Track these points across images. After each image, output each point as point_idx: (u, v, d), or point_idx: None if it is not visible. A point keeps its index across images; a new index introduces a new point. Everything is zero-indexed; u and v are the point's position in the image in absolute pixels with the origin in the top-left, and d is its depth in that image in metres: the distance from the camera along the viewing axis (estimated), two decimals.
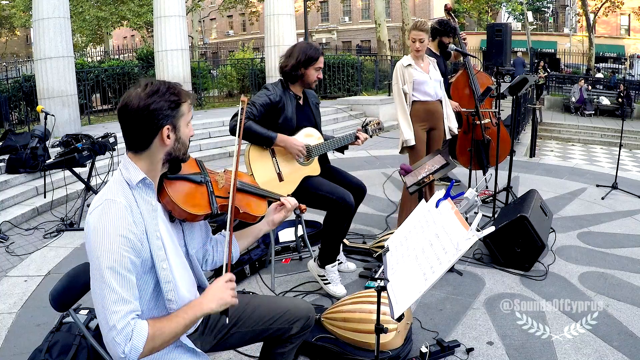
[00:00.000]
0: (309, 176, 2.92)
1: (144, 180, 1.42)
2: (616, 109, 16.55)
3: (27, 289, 3.30)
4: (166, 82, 1.46)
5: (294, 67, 2.86)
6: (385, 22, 17.45)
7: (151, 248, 1.39)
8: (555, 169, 6.32)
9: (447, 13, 4.95)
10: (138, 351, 1.29)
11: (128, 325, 1.28)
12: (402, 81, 3.80)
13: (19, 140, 5.86)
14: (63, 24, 7.52)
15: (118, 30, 28.55)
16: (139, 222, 1.38)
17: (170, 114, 1.42)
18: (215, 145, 7.94)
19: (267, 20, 10.33)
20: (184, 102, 1.45)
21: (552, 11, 36.13)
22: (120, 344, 1.27)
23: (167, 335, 1.36)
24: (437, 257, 1.52)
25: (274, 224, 1.83)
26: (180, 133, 1.46)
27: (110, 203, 1.35)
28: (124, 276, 1.31)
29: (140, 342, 1.29)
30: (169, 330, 1.36)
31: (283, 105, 2.87)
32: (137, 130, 1.41)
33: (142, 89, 1.41)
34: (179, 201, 1.50)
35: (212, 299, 1.45)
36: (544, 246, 3.22)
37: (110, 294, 1.29)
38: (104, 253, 1.30)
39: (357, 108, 10.78)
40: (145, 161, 1.44)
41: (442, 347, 2.38)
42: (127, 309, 1.29)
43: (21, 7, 22.19)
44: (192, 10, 22.32)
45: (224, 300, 1.46)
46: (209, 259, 1.75)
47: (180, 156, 1.49)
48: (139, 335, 1.29)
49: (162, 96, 1.40)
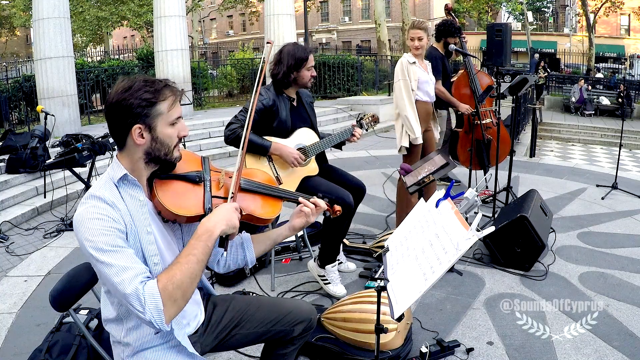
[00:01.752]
0: (307, 176, 2.92)
1: (126, 176, 1.39)
2: (616, 109, 16.55)
3: (27, 289, 3.30)
4: (148, 78, 1.39)
5: (285, 74, 2.83)
6: (385, 22, 17.44)
7: (141, 243, 1.37)
8: (555, 169, 6.32)
9: (448, 13, 4.95)
10: (160, 311, 1.23)
11: (137, 291, 1.22)
12: (408, 78, 3.67)
13: (19, 140, 5.86)
14: (63, 24, 7.53)
15: (118, 30, 28.57)
16: (125, 215, 1.35)
17: (140, 112, 1.34)
18: (215, 145, 7.94)
19: (267, 20, 10.32)
20: (162, 100, 1.37)
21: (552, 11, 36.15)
22: (140, 310, 1.22)
23: (183, 280, 1.27)
24: (437, 257, 1.52)
25: (294, 229, 1.68)
26: (157, 133, 1.38)
27: (92, 197, 1.34)
28: (115, 251, 1.27)
29: (154, 302, 1.22)
30: (181, 275, 1.27)
31: (277, 108, 2.85)
32: (112, 126, 1.39)
33: (119, 85, 1.37)
34: (167, 202, 1.42)
35: (220, 221, 1.36)
36: (544, 246, 3.22)
37: (109, 270, 1.25)
38: (90, 237, 1.27)
39: (357, 108, 10.78)
40: (126, 159, 1.41)
41: (442, 347, 2.38)
42: (131, 274, 1.25)
43: (21, 7, 22.20)
44: (192, 10, 22.32)
45: (232, 222, 1.38)
46: (222, 261, 1.71)
47: (162, 156, 1.41)
48: (151, 295, 1.23)
49: (134, 93, 1.34)
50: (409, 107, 3.64)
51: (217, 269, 1.73)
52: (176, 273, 1.28)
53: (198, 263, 1.31)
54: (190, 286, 1.29)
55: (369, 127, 3.12)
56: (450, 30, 4.56)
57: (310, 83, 2.95)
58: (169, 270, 1.30)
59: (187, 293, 1.29)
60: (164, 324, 1.24)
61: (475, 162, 4.66)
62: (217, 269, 1.73)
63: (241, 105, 11.68)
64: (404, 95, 3.65)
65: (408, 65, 3.69)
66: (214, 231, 1.35)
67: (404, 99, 3.64)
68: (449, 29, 4.55)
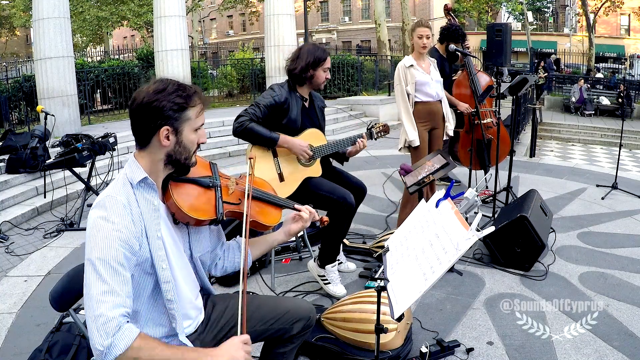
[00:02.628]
0: (309, 177, 2.92)
1: (145, 179, 1.42)
2: (616, 109, 16.56)
3: (27, 289, 3.30)
4: (180, 83, 1.44)
5: (303, 69, 2.84)
6: (385, 22, 17.44)
7: (151, 248, 1.39)
8: (555, 169, 6.32)
9: (447, 13, 4.95)
10: (118, 350, 1.21)
11: (114, 320, 1.22)
12: (404, 82, 3.79)
13: (19, 140, 5.86)
14: (63, 24, 7.52)
15: (118, 30, 28.56)
16: (138, 221, 1.37)
17: (171, 115, 1.39)
18: (215, 145, 7.94)
19: (267, 20, 10.32)
20: (192, 106, 1.43)
21: (552, 11, 36.15)
22: (102, 335, 1.21)
23: (157, 356, 1.27)
24: (437, 257, 1.52)
25: (290, 234, 1.77)
26: (182, 137, 1.43)
27: (109, 199, 1.36)
28: (116, 270, 1.28)
29: (122, 342, 1.22)
30: (161, 354, 1.27)
31: (288, 106, 2.86)
32: (138, 125, 1.42)
33: (151, 86, 1.41)
34: (182, 204, 1.47)
35: (223, 354, 1.35)
36: (544, 246, 3.22)
37: (100, 284, 1.25)
38: (99, 244, 1.29)
39: (357, 108, 10.78)
40: (146, 159, 1.44)
41: (442, 347, 2.38)
42: (117, 302, 1.25)
43: (21, 7, 22.21)
44: (192, 10, 22.33)
45: (235, 359, 1.36)
46: (219, 263, 1.73)
47: (182, 160, 1.46)
48: (125, 336, 1.23)
49: (167, 96, 1.39)
50: (403, 112, 3.83)
51: (214, 272, 1.75)
52: (158, 349, 1.28)
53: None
54: None
55: (379, 137, 3.12)
56: (454, 36, 4.56)
57: (323, 85, 2.97)
58: (156, 340, 1.31)
59: None
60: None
61: (476, 162, 4.66)
62: (215, 272, 1.75)
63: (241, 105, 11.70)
64: (399, 100, 3.85)
65: (405, 69, 3.79)
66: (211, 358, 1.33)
67: (400, 104, 3.85)
68: (454, 34, 4.56)
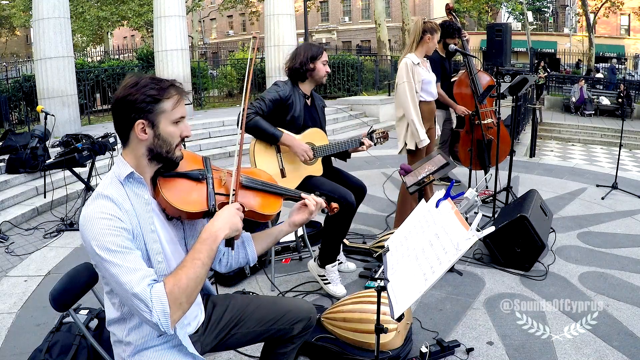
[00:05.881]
0: (310, 175, 2.92)
1: (132, 174, 1.41)
2: (616, 109, 16.55)
3: (27, 289, 3.30)
4: (155, 77, 1.43)
5: (302, 63, 2.86)
6: (385, 22, 17.45)
7: (145, 241, 1.38)
8: (555, 169, 6.32)
9: (449, 13, 4.95)
10: (167, 315, 1.25)
11: (144, 291, 1.25)
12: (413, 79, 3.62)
13: (19, 140, 5.86)
14: (63, 24, 7.53)
15: (118, 30, 28.57)
16: (131, 215, 1.37)
17: (144, 107, 1.37)
18: (215, 145, 7.94)
19: (267, 21, 10.33)
20: (167, 98, 1.40)
21: (552, 11, 36.15)
22: (146, 312, 1.24)
23: (188, 284, 1.29)
24: (437, 257, 1.52)
25: (295, 225, 1.71)
26: (159, 130, 1.41)
27: (98, 196, 1.36)
28: (123, 252, 1.29)
29: (161, 305, 1.25)
30: (187, 279, 1.29)
31: (292, 102, 2.86)
32: (116, 122, 1.43)
33: (126, 81, 1.41)
34: (171, 198, 1.45)
35: (224, 224, 1.38)
36: (544, 246, 3.22)
37: (117, 269, 1.26)
38: (97, 237, 1.29)
39: (357, 108, 10.78)
40: (130, 156, 1.44)
41: (442, 347, 2.38)
42: (139, 276, 1.26)
43: (21, 7, 22.21)
44: (192, 10, 22.31)
45: (236, 225, 1.40)
46: (223, 260, 1.72)
47: (164, 154, 1.43)
48: (158, 298, 1.25)
49: (140, 89, 1.38)
50: (413, 111, 3.61)
51: (219, 269, 1.74)
52: (182, 277, 1.30)
53: (203, 267, 1.33)
54: (195, 290, 1.32)
55: (378, 143, 3.13)
56: (449, 32, 4.55)
57: (325, 79, 2.98)
58: (175, 274, 1.31)
59: (192, 297, 1.31)
60: (169, 327, 1.26)
61: (476, 162, 4.66)
62: (219, 268, 1.73)
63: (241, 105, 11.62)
64: (408, 98, 3.60)
65: (413, 66, 3.64)
66: (218, 235, 1.37)
67: (409, 103, 3.60)
68: (448, 30, 4.55)
